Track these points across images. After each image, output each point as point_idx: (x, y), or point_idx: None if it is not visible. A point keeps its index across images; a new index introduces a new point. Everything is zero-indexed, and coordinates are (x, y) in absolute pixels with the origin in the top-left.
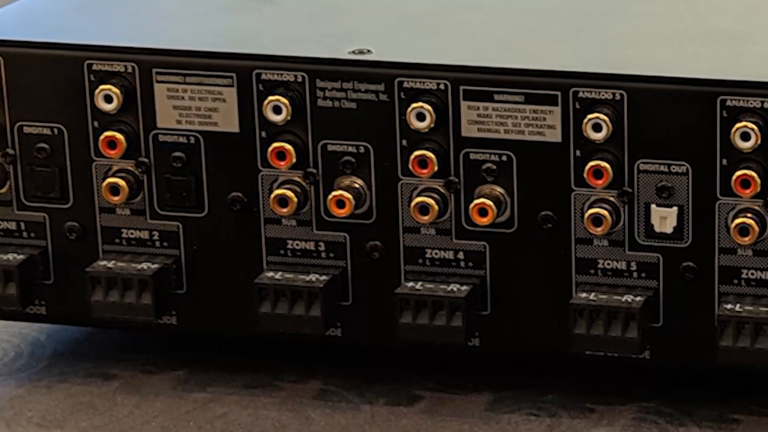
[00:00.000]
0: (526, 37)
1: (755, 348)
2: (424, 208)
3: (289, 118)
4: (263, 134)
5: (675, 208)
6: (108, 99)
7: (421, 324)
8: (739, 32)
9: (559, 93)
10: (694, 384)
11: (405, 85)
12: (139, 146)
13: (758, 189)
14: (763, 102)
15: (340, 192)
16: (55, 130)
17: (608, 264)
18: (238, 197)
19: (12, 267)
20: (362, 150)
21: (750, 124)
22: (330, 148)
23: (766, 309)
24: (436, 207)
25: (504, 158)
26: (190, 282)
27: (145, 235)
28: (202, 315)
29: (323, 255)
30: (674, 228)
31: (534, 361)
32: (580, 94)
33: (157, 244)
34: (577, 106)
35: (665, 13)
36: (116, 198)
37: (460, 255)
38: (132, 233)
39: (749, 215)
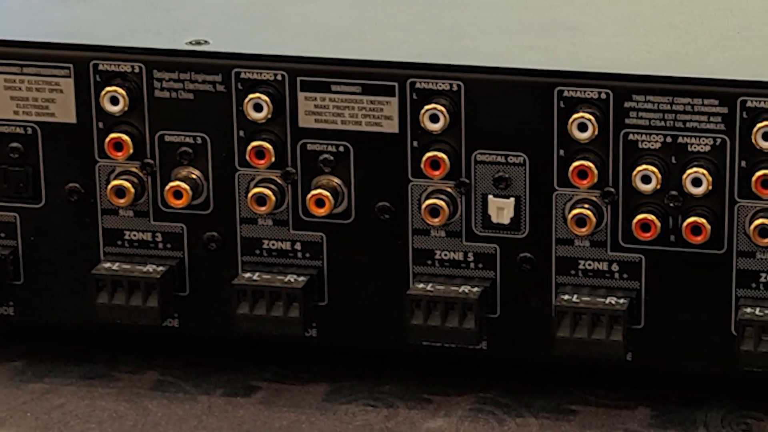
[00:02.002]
0: (364, 27)
1: (592, 339)
2: (261, 199)
3: (126, 108)
4: (100, 125)
5: (512, 199)
6: None
7: (258, 315)
8: (576, 23)
9: (396, 84)
10: (531, 375)
11: (242, 75)
12: None
13: (595, 180)
14: (600, 93)
15: (177, 183)
16: None
17: (445, 255)
18: (76, 188)
19: None
20: (199, 141)
21: (587, 115)
22: (167, 138)
23: (603, 300)
24: (274, 198)
25: (341, 149)
26: (28, 273)
27: None
28: (39, 306)
29: (161, 246)
30: (511, 219)
31: (371, 351)
32: (417, 85)
33: None
34: (415, 96)
35: (502, 3)
36: None
37: (298, 246)
38: None
39: (586, 206)
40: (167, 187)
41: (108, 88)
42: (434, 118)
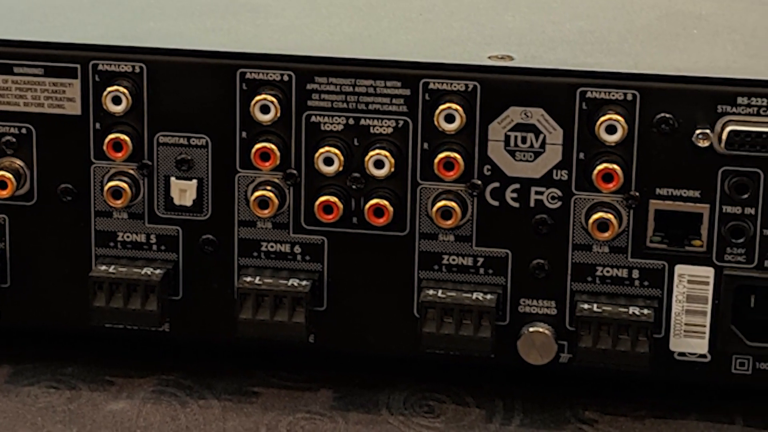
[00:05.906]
0: (46, 9)
1: (275, 321)
2: None
3: None
4: None
5: (194, 181)
6: None
7: None
8: (259, 5)
9: (78, 66)
10: (213, 357)
11: None
12: None
13: (278, 162)
14: (282, 75)
15: None
16: None
17: (128, 237)
18: None
19: None
20: None
21: (269, 97)
22: None
23: (285, 282)
24: None
25: (24, 131)
26: None
27: None
28: None
29: None
30: (194, 201)
31: (54, 333)
32: (100, 67)
33: None
34: (97, 78)
35: None
36: None
37: None
38: None
39: (269, 188)
40: None
41: None
42: (116, 100)
